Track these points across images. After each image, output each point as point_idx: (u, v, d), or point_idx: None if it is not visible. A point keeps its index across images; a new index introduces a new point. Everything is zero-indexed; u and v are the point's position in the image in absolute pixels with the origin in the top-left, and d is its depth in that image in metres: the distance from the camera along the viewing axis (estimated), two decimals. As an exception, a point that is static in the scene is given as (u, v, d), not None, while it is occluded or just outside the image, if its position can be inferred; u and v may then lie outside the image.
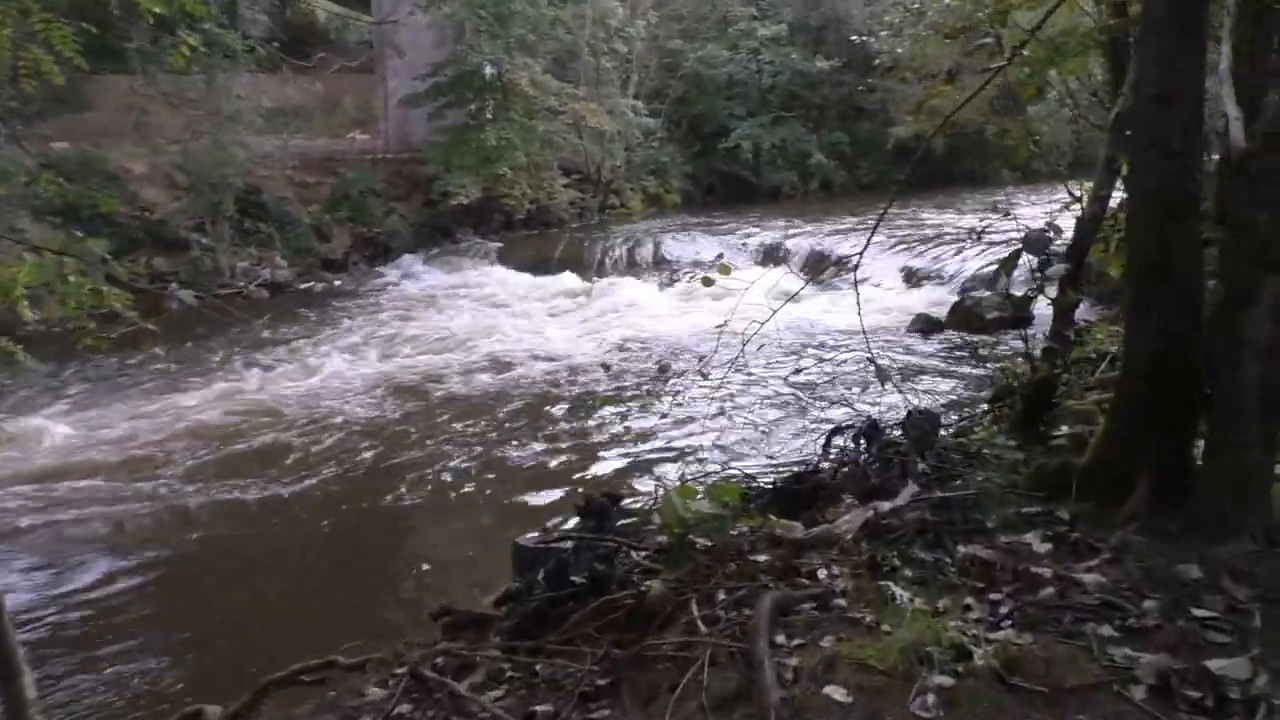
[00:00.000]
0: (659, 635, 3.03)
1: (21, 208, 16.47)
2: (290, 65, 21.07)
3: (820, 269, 17.54)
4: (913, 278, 16.52)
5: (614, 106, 25.66)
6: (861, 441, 4.34)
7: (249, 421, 10.03)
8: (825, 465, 4.35)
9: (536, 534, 4.22)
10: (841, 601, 2.98)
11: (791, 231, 19.94)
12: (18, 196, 15.88)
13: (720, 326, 5.05)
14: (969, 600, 2.95)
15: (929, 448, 4.03)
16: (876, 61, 26.85)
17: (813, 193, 30.43)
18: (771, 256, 18.64)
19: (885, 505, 3.56)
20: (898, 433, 4.39)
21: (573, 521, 4.83)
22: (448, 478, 8.23)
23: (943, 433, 4.41)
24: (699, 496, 3.50)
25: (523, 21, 22.74)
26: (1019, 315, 13.37)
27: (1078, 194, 4.48)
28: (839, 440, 4.49)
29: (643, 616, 3.07)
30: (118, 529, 7.44)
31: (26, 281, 5.52)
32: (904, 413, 5.01)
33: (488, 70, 22.45)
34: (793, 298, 5.31)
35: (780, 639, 2.81)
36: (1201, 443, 3.31)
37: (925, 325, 13.19)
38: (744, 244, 19.31)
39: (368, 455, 8.95)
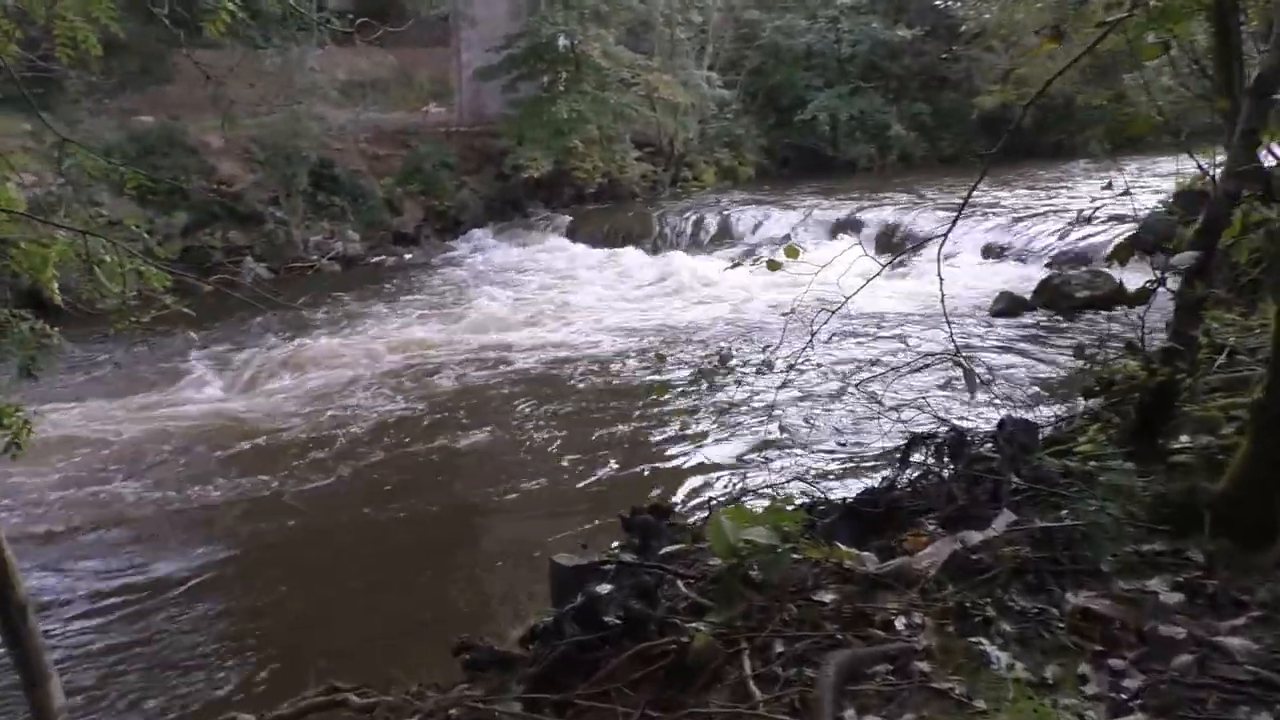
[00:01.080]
0: (704, 694, 2.58)
1: (102, 182, 16.58)
2: (364, 38, 20.90)
3: (895, 246, 16.89)
4: (994, 253, 15.72)
5: (688, 78, 25.07)
6: (945, 455, 3.83)
7: (306, 405, 9.75)
8: (902, 481, 3.84)
9: (577, 556, 3.79)
10: (923, 665, 2.49)
11: (866, 205, 19.17)
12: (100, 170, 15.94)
13: (787, 314, 4.57)
14: (1084, 669, 2.43)
15: (1025, 464, 3.50)
16: (963, 29, 25.88)
17: (891, 165, 29.54)
18: (844, 231, 17.95)
19: (975, 536, 3.05)
20: (987, 444, 3.87)
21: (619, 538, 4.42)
22: (497, 474, 7.78)
23: (1040, 440, 3.88)
24: (754, 521, 3.03)
25: (596, -10, 22.32)
26: (1114, 294, 12.77)
27: (1206, 167, 3.88)
28: (918, 452, 3.99)
29: (686, 669, 2.63)
30: (145, 527, 7.12)
31: (58, 259, 5.20)
32: (993, 417, 4.49)
33: (561, 41, 22.10)
34: (869, 282, 4.77)
35: (849, 714, 2.34)
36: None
37: (1009, 305, 12.44)
38: (818, 218, 18.60)
39: (418, 444, 8.54)
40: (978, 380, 3.80)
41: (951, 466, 3.69)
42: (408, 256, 19.96)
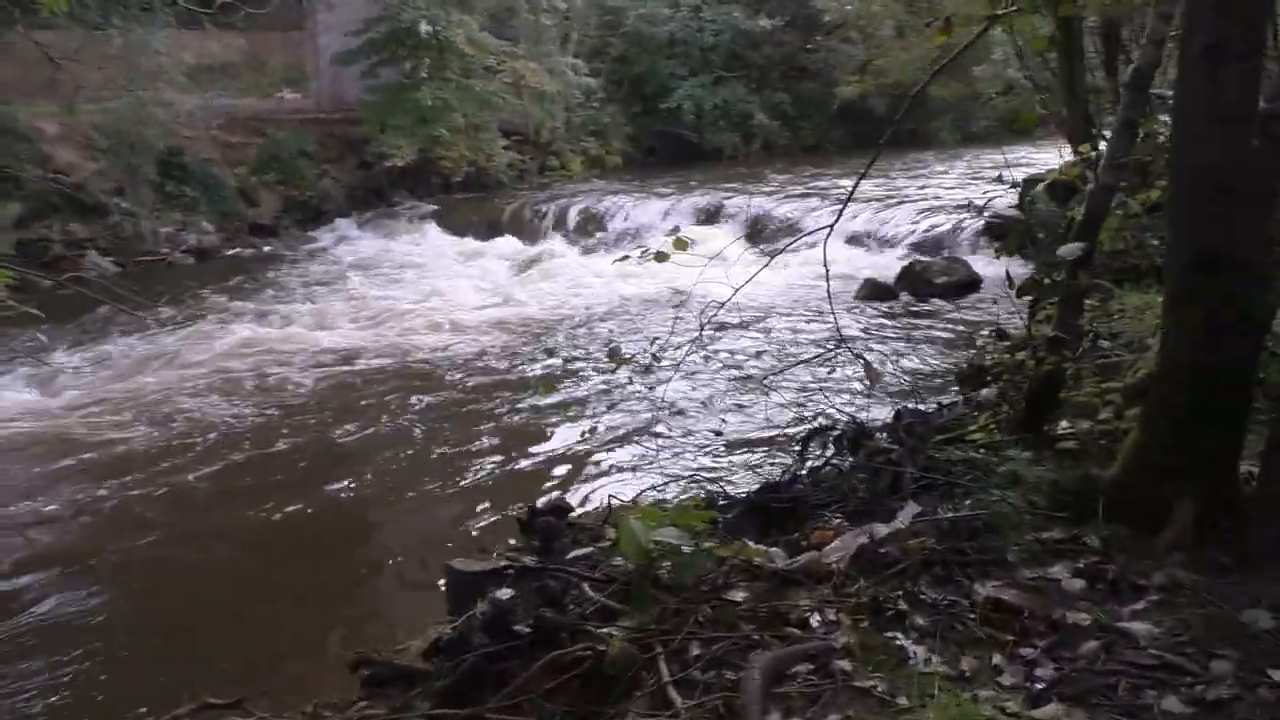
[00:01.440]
0: (622, 703, 2.52)
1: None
2: (215, 20, 20.05)
3: (764, 234, 17.16)
4: (858, 240, 16.10)
5: (553, 65, 24.90)
6: (845, 447, 3.87)
7: (156, 404, 9.13)
8: (802, 473, 3.86)
9: (475, 560, 3.66)
10: (844, 664, 2.49)
11: (734, 193, 19.40)
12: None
13: (676, 306, 4.55)
14: (997, 659, 2.48)
15: (923, 454, 3.56)
16: (827, 18, 26.41)
17: (755, 154, 30.01)
18: (714, 219, 18.15)
19: (882, 529, 3.08)
20: (883, 434, 3.92)
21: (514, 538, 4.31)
22: (372, 475, 7.33)
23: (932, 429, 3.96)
24: (662, 521, 2.98)
25: (458, -25, 21.93)
26: (969, 280, 13.25)
27: (1090, 156, 4.00)
28: (817, 444, 4.02)
29: (603, 677, 2.56)
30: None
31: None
32: (871, 405, 4.58)
33: (423, 27, 21.61)
34: (758, 273, 4.82)
35: (774, 718, 2.32)
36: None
37: (874, 291, 12.77)
38: (687, 207, 18.74)
39: (284, 445, 8.04)
40: (877, 375, 3.84)
41: (851, 458, 3.73)
42: (266, 249, 19.22)
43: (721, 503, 3.91)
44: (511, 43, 24.22)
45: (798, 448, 4.20)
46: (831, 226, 4.75)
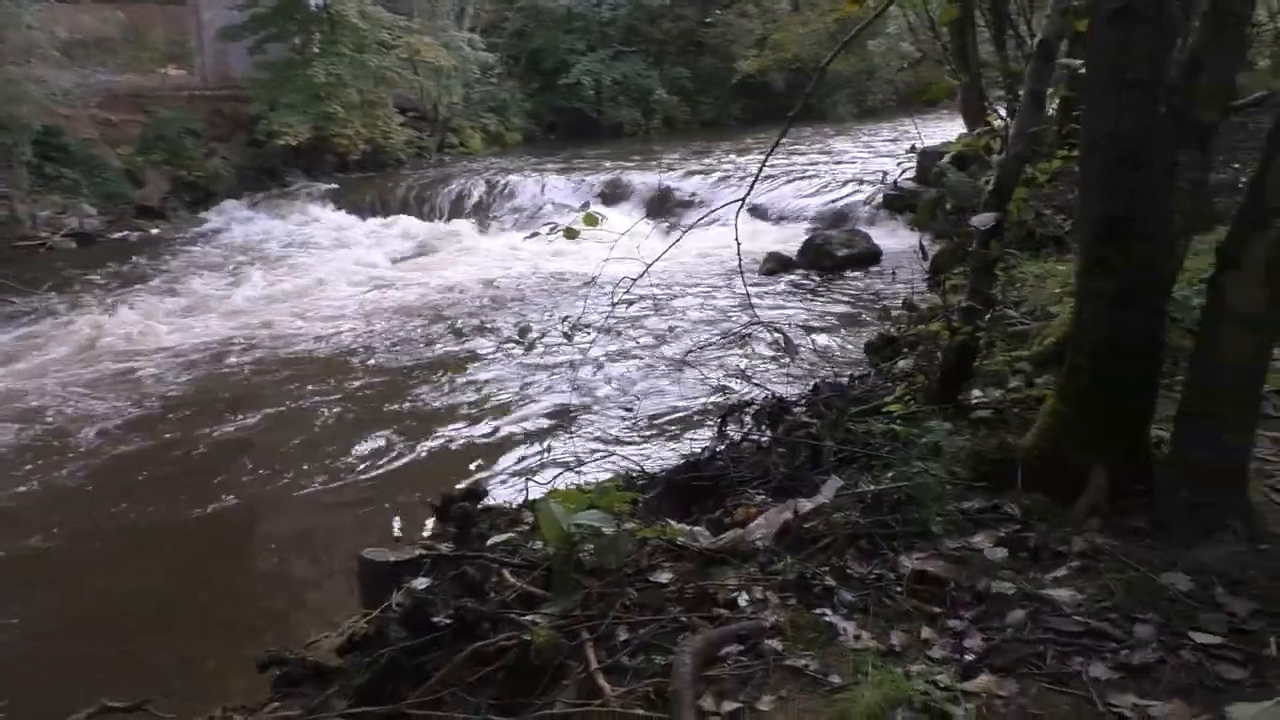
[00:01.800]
0: (549, 692, 2.43)
1: None
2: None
3: (666, 209, 17.18)
4: (760, 214, 16.15)
5: (449, 40, 24.45)
6: (764, 422, 3.83)
7: (31, 397, 8.64)
8: (721, 450, 3.82)
9: (388, 550, 3.53)
10: (775, 643, 2.45)
11: (635, 169, 19.37)
12: None
13: (588, 282, 4.47)
14: (927, 633, 2.46)
15: (842, 428, 3.54)
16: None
17: (655, 129, 30.00)
18: (617, 195, 18.08)
19: (806, 504, 3.04)
20: (800, 408, 3.90)
21: (428, 525, 4.18)
22: (272, 467, 6.93)
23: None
24: (583, 503, 2.91)
25: (348, -54, 21.32)
26: (870, 252, 13.43)
27: (996, 126, 4.01)
28: (735, 420, 3.98)
29: (528, 667, 2.48)
30: None
31: None
32: (780, 378, 4.57)
33: (312, 1, 21.01)
34: (670, 248, 4.76)
35: (707, 702, 2.26)
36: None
37: (776, 264, 12.84)
38: (589, 182, 18.64)
39: (173, 438, 7.62)
40: (796, 349, 3.82)
41: (770, 433, 3.70)
42: (154, 231, 18.48)
43: (641, 482, 3.85)
44: (406, 17, 23.70)
45: (716, 424, 4.16)
46: (742, 201, 4.72)
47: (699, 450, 3.88)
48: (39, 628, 5.13)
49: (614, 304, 4.67)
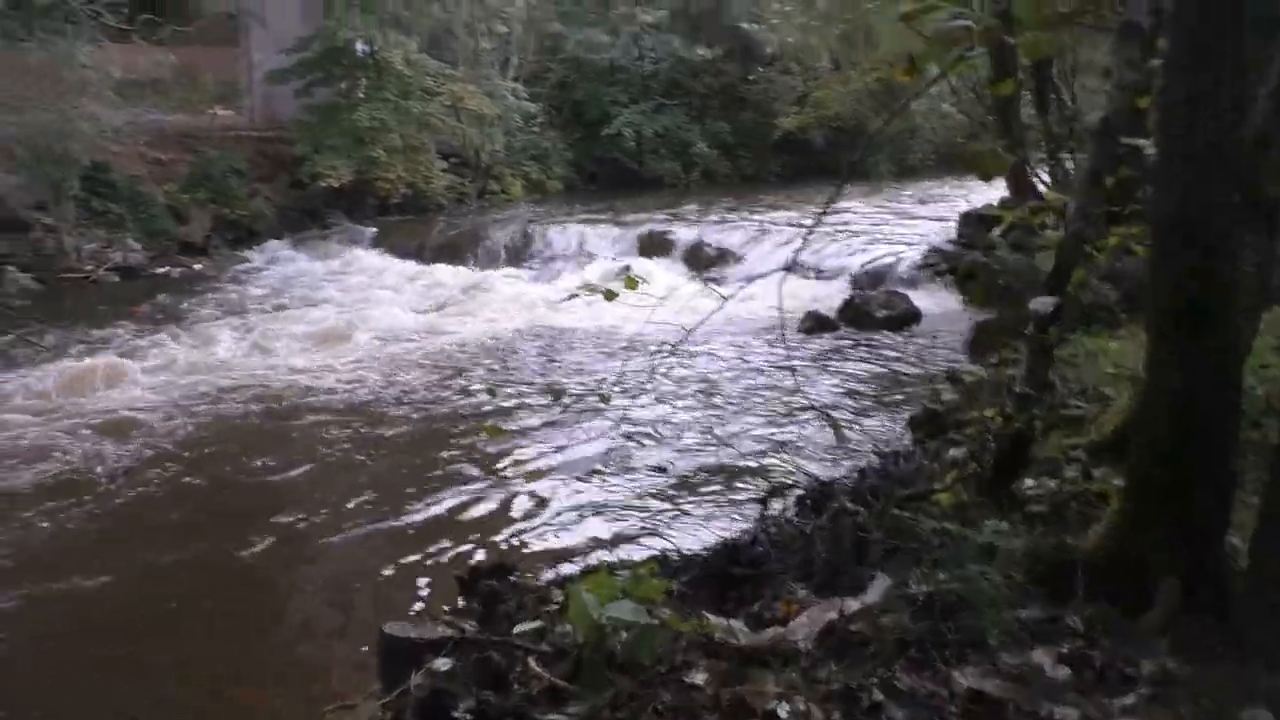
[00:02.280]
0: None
1: None
2: (141, 34, 19.56)
3: (705, 261, 17.14)
4: (798, 272, 16.03)
5: (493, 89, 24.72)
6: (808, 507, 3.69)
7: (57, 432, 8.56)
8: (761, 536, 3.67)
9: (410, 625, 3.40)
10: (817, 765, 2.31)
11: (675, 221, 19.38)
12: None
13: (624, 347, 4.36)
14: (984, 761, 2.31)
15: (890, 518, 3.39)
16: (769, 50, 26.63)
17: (695, 182, 30.07)
18: (656, 248, 18.08)
19: (852, 603, 2.90)
20: (843, 492, 3.75)
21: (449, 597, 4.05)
22: (292, 520, 6.71)
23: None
24: (614, 591, 2.78)
25: (395, -5, 21.72)
26: (909, 314, 13.29)
27: (1050, 203, 3.89)
28: (777, 502, 3.84)
29: (555, 776, 2.34)
30: None
31: None
32: (828, 445, 4.43)
33: (359, 46, 21.35)
34: (713, 314, 4.66)
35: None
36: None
37: (814, 323, 12.72)
38: (629, 235, 18.65)
39: (198, 480, 7.51)
40: (844, 434, 3.69)
41: (814, 519, 3.56)
42: (196, 268, 18.68)
43: (674, 562, 3.71)
44: (450, 65, 24.00)
45: (757, 505, 4.02)
46: (788, 268, 4.64)
47: (737, 533, 3.75)
48: (38, 674, 4.97)
49: (652, 370, 4.57)
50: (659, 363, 4.23)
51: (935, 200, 23.34)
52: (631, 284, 4.35)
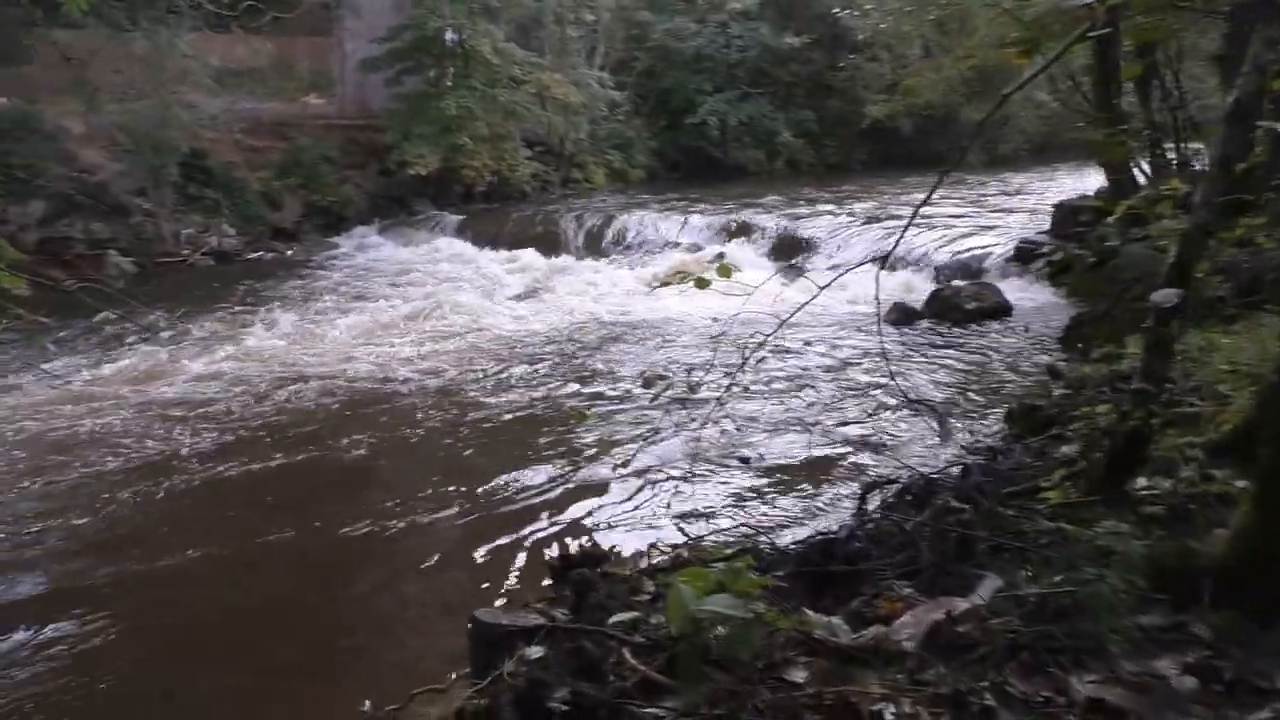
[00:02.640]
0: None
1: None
2: (240, 23, 19.99)
3: (791, 251, 16.94)
4: (884, 262, 15.67)
5: (579, 78, 24.79)
6: (909, 503, 3.57)
7: (139, 422, 8.66)
8: (859, 531, 3.56)
9: (501, 613, 3.38)
10: (928, 772, 2.21)
11: (760, 210, 19.19)
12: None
13: (716, 336, 4.29)
14: (1106, 774, 2.19)
15: (997, 517, 3.25)
16: (861, 36, 26.25)
17: (779, 171, 29.83)
18: (742, 235, 17.92)
19: (960, 604, 2.79)
20: (946, 488, 3.62)
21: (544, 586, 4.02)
22: (384, 503, 6.70)
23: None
24: (710, 584, 2.71)
25: (486, -15, 21.85)
26: (999, 307, 12.96)
27: (1172, 191, 3.70)
28: (876, 497, 3.72)
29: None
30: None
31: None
32: (918, 437, 4.31)
33: (448, 36, 21.55)
34: (809, 302, 4.59)
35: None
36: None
37: (901, 315, 12.46)
38: (714, 223, 18.53)
39: (286, 464, 7.55)
40: (950, 430, 3.58)
41: (915, 516, 3.44)
42: (288, 253, 19.14)
43: (768, 554, 3.63)
44: (537, 54, 24.10)
45: (854, 500, 3.91)
46: (884, 258, 4.54)
47: (833, 527, 3.65)
48: (125, 668, 5.01)
49: (743, 361, 4.49)
50: (751, 353, 4.12)
51: (1026, 192, 22.81)
52: (725, 272, 4.28)
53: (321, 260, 18.53)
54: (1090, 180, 22.61)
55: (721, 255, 15.86)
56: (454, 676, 3.49)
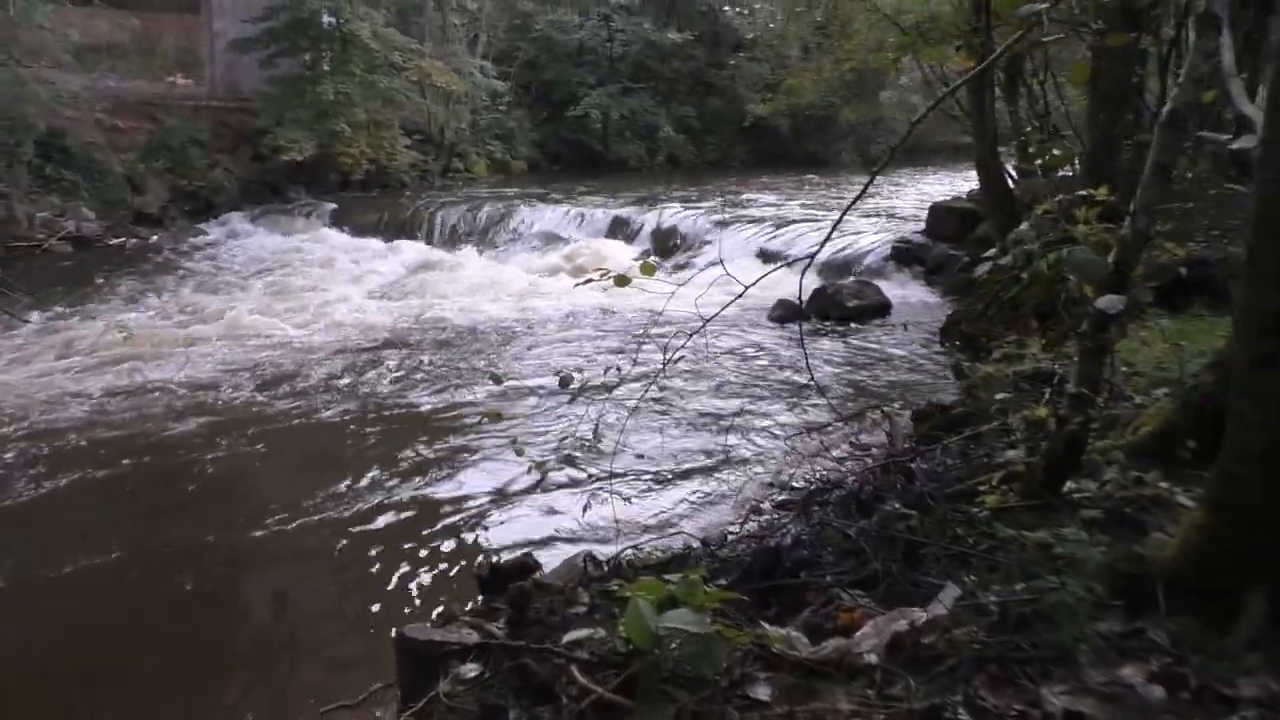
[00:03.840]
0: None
1: None
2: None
3: (670, 248, 16.99)
4: (768, 258, 15.88)
5: (461, 66, 24.38)
6: (852, 508, 3.51)
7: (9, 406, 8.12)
8: (805, 537, 3.49)
9: (429, 626, 3.19)
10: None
11: (641, 205, 19.21)
12: None
13: (638, 335, 4.18)
14: (1088, 789, 2.17)
15: (951, 525, 3.21)
16: (749, 35, 26.58)
17: (660, 166, 29.98)
18: (620, 231, 17.91)
19: (920, 614, 2.74)
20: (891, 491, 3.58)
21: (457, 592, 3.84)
22: (281, 514, 6.09)
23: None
24: (664, 596, 2.60)
25: (365, -33, 21.28)
26: (880, 304, 13.22)
27: (1093, 195, 3.74)
28: (817, 503, 3.66)
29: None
30: None
31: None
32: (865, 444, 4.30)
33: (326, 19, 20.93)
34: (732, 302, 4.56)
35: None
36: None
37: (786, 311, 12.54)
38: (594, 216, 18.46)
39: (162, 470, 6.97)
40: (901, 430, 3.54)
41: (860, 522, 3.39)
42: (153, 239, 18.20)
43: (708, 562, 3.53)
44: (418, 41, 23.61)
45: (788, 502, 3.84)
46: (811, 258, 4.51)
47: (775, 534, 3.57)
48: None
49: (666, 362, 4.39)
50: (674, 353, 4.04)
51: (900, 191, 23.38)
52: (648, 270, 4.19)
53: (188, 248, 17.72)
54: (958, 181, 23.39)
55: (648, 253, 15.82)
56: (369, 691, 3.27)
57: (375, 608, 4.79)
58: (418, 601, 4.84)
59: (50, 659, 4.69)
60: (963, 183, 21.34)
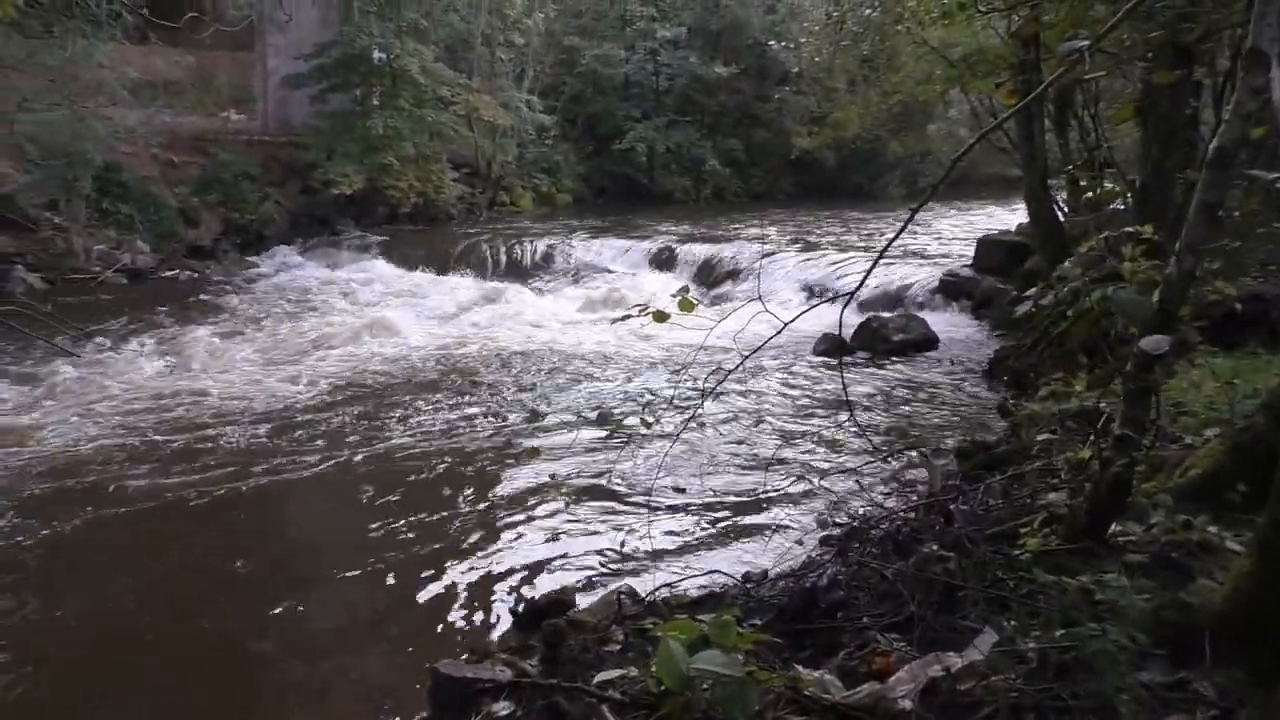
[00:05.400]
0: None
1: None
2: (159, 35, 19.42)
3: (714, 279, 17.02)
4: (813, 292, 15.84)
5: (508, 100, 24.68)
6: (890, 550, 3.46)
7: (46, 447, 8.10)
8: (840, 578, 3.43)
9: (464, 663, 3.18)
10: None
11: (686, 237, 19.31)
12: None
13: (676, 371, 4.18)
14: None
15: (991, 569, 3.15)
16: (794, 69, 26.67)
17: (705, 198, 30.08)
18: (664, 263, 18.03)
19: (956, 659, 2.69)
20: (929, 533, 3.52)
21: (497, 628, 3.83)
22: (319, 546, 6.23)
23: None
24: (697, 637, 2.57)
25: (414, 5, 21.65)
26: (925, 339, 13.09)
27: (1140, 232, 3.68)
28: (855, 543, 3.61)
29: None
30: None
31: None
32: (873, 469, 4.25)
33: (376, 54, 21.29)
34: (779, 332, 4.53)
35: None
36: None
37: (830, 345, 12.47)
38: (642, 249, 18.58)
39: (215, 500, 6.96)
40: (937, 470, 3.49)
41: (897, 563, 3.33)
42: (205, 272, 18.55)
43: (745, 602, 3.48)
44: (466, 75, 23.94)
45: (828, 542, 3.79)
46: (851, 295, 4.48)
47: (812, 573, 3.52)
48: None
49: (704, 394, 4.38)
50: (714, 388, 4.02)
51: (948, 223, 23.27)
52: (687, 305, 4.20)
53: (241, 280, 18.01)
54: (1006, 214, 23.20)
55: (686, 289, 15.81)
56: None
57: (407, 639, 4.77)
58: (451, 634, 4.80)
59: (84, 677, 4.74)
60: (1011, 215, 21.21)
